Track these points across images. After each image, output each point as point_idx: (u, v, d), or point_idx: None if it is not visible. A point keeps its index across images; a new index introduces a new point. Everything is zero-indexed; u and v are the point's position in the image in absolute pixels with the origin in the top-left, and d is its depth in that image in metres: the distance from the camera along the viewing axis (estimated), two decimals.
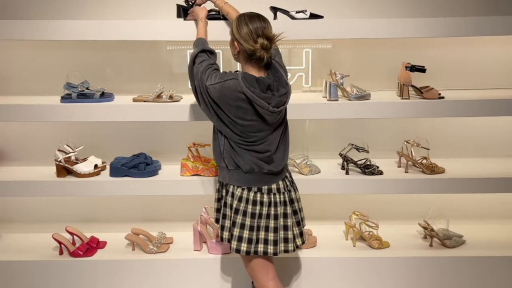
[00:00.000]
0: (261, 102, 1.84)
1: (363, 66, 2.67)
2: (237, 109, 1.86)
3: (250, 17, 1.87)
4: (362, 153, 2.55)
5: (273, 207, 1.97)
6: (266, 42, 1.82)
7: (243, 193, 1.96)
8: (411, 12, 2.60)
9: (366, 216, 2.60)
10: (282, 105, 1.91)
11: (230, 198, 2.00)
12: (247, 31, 1.83)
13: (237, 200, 1.97)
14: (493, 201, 2.82)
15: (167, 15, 2.46)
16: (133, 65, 2.68)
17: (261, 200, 1.96)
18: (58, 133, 2.68)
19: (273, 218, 1.97)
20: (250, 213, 1.95)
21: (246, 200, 1.96)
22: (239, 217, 1.96)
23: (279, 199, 1.99)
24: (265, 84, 1.87)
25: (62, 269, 2.51)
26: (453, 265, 2.51)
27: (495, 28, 2.28)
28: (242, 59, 1.92)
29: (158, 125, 2.72)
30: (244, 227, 1.96)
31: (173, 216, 2.83)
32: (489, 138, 2.79)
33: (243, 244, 1.96)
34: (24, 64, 2.68)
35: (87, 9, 2.60)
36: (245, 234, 1.96)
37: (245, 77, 1.85)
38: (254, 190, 1.96)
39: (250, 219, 1.95)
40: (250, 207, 1.95)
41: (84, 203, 2.83)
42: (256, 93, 1.83)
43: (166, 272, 2.52)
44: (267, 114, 1.88)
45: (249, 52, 1.85)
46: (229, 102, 1.86)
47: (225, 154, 1.97)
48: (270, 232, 1.97)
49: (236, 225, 1.97)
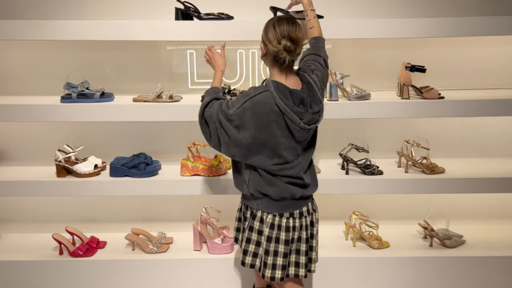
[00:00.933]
0: (293, 116, 1.76)
1: (363, 66, 2.67)
2: (270, 125, 1.77)
3: (278, 20, 1.82)
4: (362, 153, 2.55)
5: (304, 230, 1.92)
6: (290, 44, 1.75)
7: (275, 219, 1.88)
8: (411, 12, 2.60)
9: (366, 216, 2.60)
10: (313, 123, 1.84)
11: (258, 223, 1.92)
12: (273, 33, 1.78)
13: (268, 227, 1.89)
14: (493, 201, 2.82)
15: (167, 15, 2.45)
16: (133, 65, 2.68)
17: (294, 225, 1.89)
18: (58, 133, 2.68)
19: (304, 242, 1.92)
20: (283, 240, 1.88)
21: (279, 227, 1.88)
22: (272, 245, 1.89)
23: (309, 220, 1.94)
24: (299, 97, 1.79)
25: (62, 269, 2.51)
26: (453, 265, 2.51)
27: (495, 28, 2.28)
28: (268, 62, 1.86)
29: (158, 125, 2.72)
30: (278, 254, 1.89)
31: (173, 216, 2.83)
32: (489, 138, 2.79)
33: (277, 271, 1.90)
34: (24, 64, 2.68)
35: (87, 9, 2.60)
36: (279, 261, 1.89)
37: (278, 87, 1.77)
38: (286, 216, 1.89)
39: (284, 246, 1.88)
40: (283, 234, 1.88)
41: (84, 203, 2.83)
42: (289, 106, 1.75)
43: (166, 272, 2.52)
44: (297, 130, 1.80)
45: (273, 54, 1.78)
46: (262, 120, 1.76)
47: (251, 184, 1.89)
48: (301, 255, 1.93)
49: (269, 253, 1.90)
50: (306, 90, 1.84)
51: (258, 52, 2.61)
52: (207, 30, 2.29)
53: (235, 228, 2.13)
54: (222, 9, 2.42)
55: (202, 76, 2.66)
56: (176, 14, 2.36)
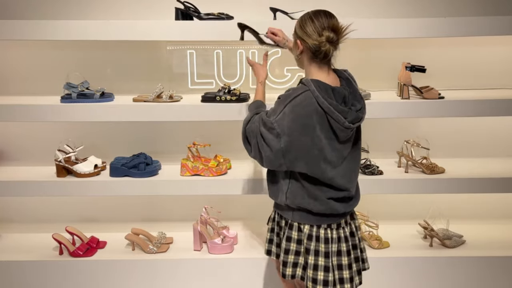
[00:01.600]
0: (338, 116, 1.63)
1: (363, 66, 2.66)
2: (313, 127, 1.64)
3: (314, 13, 1.70)
4: (362, 153, 2.55)
5: (344, 242, 1.79)
6: (332, 35, 1.64)
7: (312, 230, 1.77)
8: (411, 12, 2.60)
9: (366, 216, 2.60)
10: (358, 122, 1.71)
11: (296, 232, 1.80)
12: (312, 26, 1.66)
13: (306, 238, 1.78)
14: (493, 201, 2.82)
15: (167, 15, 2.46)
16: (133, 65, 2.68)
17: (332, 236, 1.77)
18: (58, 133, 2.68)
19: (345, 255, 1.78)
20: (323, 252, 1.76)
21: (317, 238, 1.76)
22: (311, 257, 1.77)
23: (348, 231, 1.81)
24: (341, 95, 1.68)
25: (62, 269, 2.51)
26: (453, 265, 2.51)
27: (495, 28, 2.28)
28: (306, 59, 1.72)
29: (158, 125, 2.72)
30: (318, 268, 1.76)
31: (173, 216, 2.83)
32: (489, 138, 2.79)
33: (319, 286, 1.77)
34: (24, 64, 2.68)
35: (87, 9, 2.60)
36: (319, 276, 1.76)
37: (319, 86, 1.64)
38: (324, 227, 1.77)
39: (324, 259, 1.76)
40: (322, 246, 1.76)
41: (84, 203, 2.83)
42: (333, 105, 1.63)
43: (166, 272, 2.52)
44: (341, 130, 1.67)
45: (313, 48, 1.66)
46: (305, 122, 1.63)
47: (289, 195, 1.76)
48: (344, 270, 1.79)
49: (310, 266, 1.77)
50: (346, 86, 1.74)
51: (258, 52, 2.61)
52: (207, 30, 2.28)
53: (267, 240, 1.97)
54: (222, 9, 2.42)
55: (202, 76, 2.66)
56: (176, 14, 2.36)
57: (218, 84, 2.65)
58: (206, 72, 2.65)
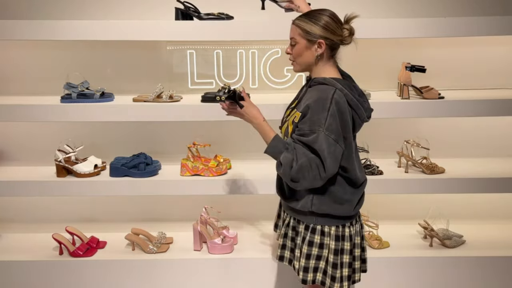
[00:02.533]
0: (362, 111, 1.70)
1: (363, 66, 2.66)
2: (350, 124, 1.68)
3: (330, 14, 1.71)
4: (362, 153, 2.55)
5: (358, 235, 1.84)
6: (351, 26, 1.71)
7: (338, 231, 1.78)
8: (411, 12, 2.60)
9: (366, 216, 2.60)
10: (370, 116, 1.81)
11: (319, 236, 1.78)
12: (333, 25, 1.68)
13: (334, 239, 1.78)
14: (493, 201, 2.82)
15: (167, 15, 2.46)
16: (133, 65, 2.68)
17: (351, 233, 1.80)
18: (58, 133, 2.68)
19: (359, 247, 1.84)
20: (348, 250, 1.79)
21: (343, 237, 1.78)
22: (345, 257, 1.79)
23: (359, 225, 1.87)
24: (358, 90, 1.76)
25: (62, 269, 2.51)
26: (453, 265, 2.51)
27: (495, 28, 2.28)
28: (326, 59, 1.72)
29: (158, 125, 2.72)
30: (343, 265, 1.79)
31: (173, 216, 2.83)
32: (489, 138, 2.79)
33: (345, 283, 1.80)
34: (24, 64, 2.68)
35: (87, 9, 2.60)
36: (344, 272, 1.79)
37: (341, 84, 1.67)
38: (348, 225, 1.80)
39: (349, 256, 1.80)
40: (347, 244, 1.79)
41: (84, 203, 2.83)
42: (360, 101, 1.69)
43: (166, 272, 2.52)
44: (359, 124, 1.74)
45: (336, 44, 1.71)
46: (348, 119, 1.66)
47: (315, 201, 1.75)
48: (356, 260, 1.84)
49: (337, 266, 1.78)
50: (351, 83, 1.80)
51: (258, 52, 2.62)
52: (207, 30, 2.29)
53: (279, 245, 1.92)
54: (222, 9, 2.42)
55: (202, 76, 2.66)
56: (176, 14, 2.36)
57: (218, 84, 2.65)
58: (206, 72, 2.65)
